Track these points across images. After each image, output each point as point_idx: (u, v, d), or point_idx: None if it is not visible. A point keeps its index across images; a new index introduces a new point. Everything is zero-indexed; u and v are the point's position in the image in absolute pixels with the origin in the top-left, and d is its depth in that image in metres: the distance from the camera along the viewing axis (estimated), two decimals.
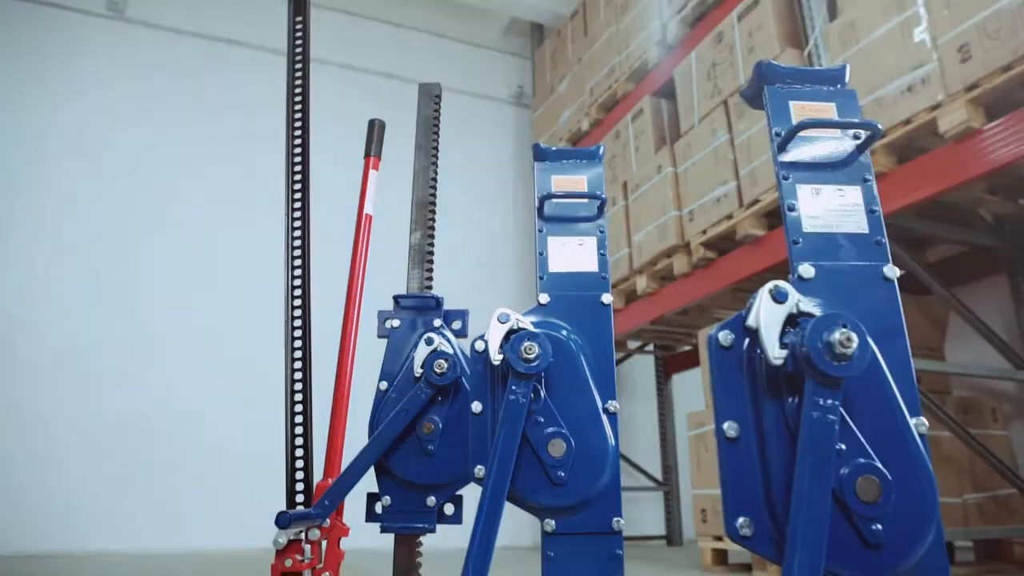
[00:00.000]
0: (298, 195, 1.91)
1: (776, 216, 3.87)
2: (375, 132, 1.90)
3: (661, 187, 4.59)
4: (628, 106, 5.26)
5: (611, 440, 1.17)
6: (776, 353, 0.76)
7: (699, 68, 4.42)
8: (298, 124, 1.94)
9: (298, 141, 1.93)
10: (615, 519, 1.16)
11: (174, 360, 5.52)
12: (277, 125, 1.93)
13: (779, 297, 0.78)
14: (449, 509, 1.52)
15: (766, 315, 0.78)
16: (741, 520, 0.78)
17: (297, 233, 1.88)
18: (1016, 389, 4.13)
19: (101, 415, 5.23)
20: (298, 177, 1.91)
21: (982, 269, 4.36)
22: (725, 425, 0.81)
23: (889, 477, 0.77)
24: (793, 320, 0.79)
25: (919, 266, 3.48)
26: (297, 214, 1.90)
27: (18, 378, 5.20)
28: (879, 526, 0.76)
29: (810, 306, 0.79)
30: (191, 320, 5.62)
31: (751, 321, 0.79)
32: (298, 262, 1.87)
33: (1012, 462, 3.87)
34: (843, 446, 0.77)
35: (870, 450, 0.78)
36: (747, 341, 0.82)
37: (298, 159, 1.92)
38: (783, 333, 0.78)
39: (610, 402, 1.20)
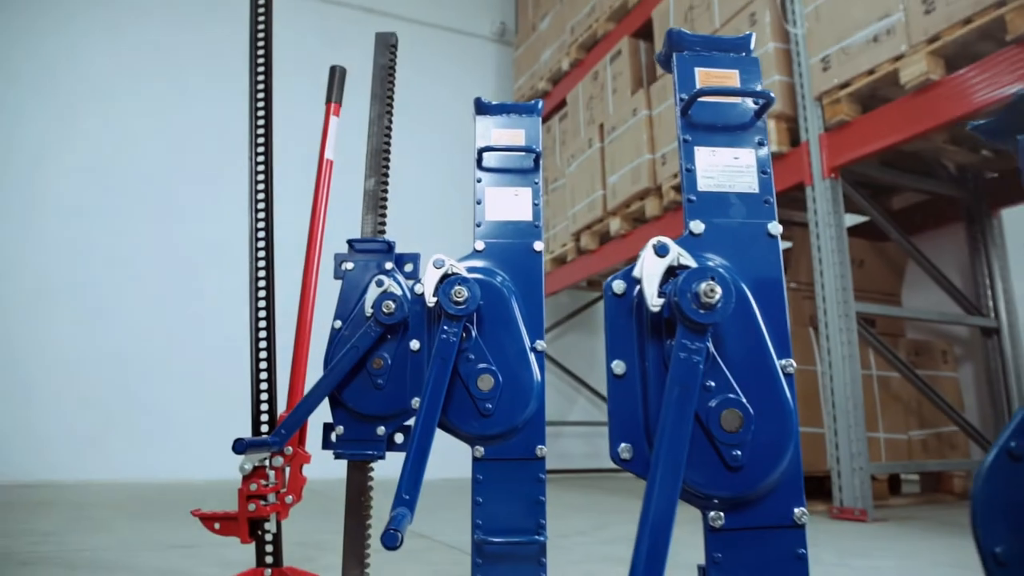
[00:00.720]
0: (261, 139, 1.97)
1: None
2: (335, 78, 1.96)
3: (636, 130, 4.64)
4: (608, 47, 5.26)
5: (537, 376, 1.28)
6: (654, 301, 0.86)
7: (677, 9, 4.42)
8: (261, 62, 1.99)
9: (261, 79, 1.98)
10: (538, 447, 1.28)
11: (151, 297, 5.61)
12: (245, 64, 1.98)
13: (660, 251, 0.88)
14: (399, 438, 1.64)
15: (648, 267, 0.88)
16: (623, 446, 0.89)
17: (261, 177, 1.95)
18: (967, 333, 4.30)
19: (79, 351, 5.35)
20: (261, 120, 1.97)
21: (943, 217, 4.47)
22: (614, 364, 0.91)
23: (751, 410, 0.88)
24: (673, 272, 0.88)
25: (878, 214, 3.58)
26: (260, 158, 1.97)
27: None
28: (739, 452, 0.87)
29: (689, 259, 0.89)
30: (170, 257, 5.69)
31: (636, 272, 0.89)
32: (261, 205, 1.95)
33: (958, 402, 4.06)
34: (712, 383, 0.88)
35: (736, 387, 0.89)
36: (636, 290, 0.91)
37: (261, 102, 1.97)
38: (663, 283, 0.88)
39: (538, 342, 1.30)
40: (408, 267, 1.68)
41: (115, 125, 5.68)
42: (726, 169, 1.01)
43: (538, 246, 1.36)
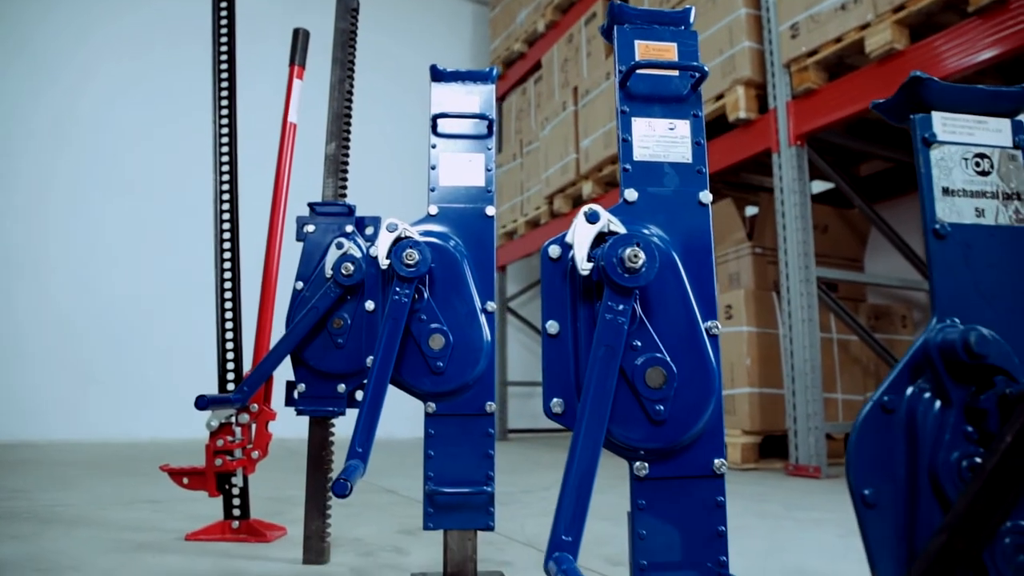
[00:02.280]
0: (225, 103, 1.99)
1: (713, 127, 3.99)
2: (299, 41, 1.97)
3: (609, 94, 4.65)
4: (583, 9, 5.24)
5: (487, 336, 1.33)
6: (583, 266, 0.92)
7: None
8: (224, 24, 1.99)
9: (224, 43, 1.99)
10: (488, 403, 1.34)
11: (124, 262, 5.61)
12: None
13: (591, 218, 0.93)
14: (360, 395, 1.69)
15: (579, 233, 0.93)
16: (555, 401, 0.95)
17: (225, 141, 1.97)
18: (927, 299, 4.40)
19: (56, 315, 5.36)
20: (224, 85, 1.98)
21: (909, 185, 4.55)
22: (548, 324, 0.97)
23: (674, 369, 0.94)
24: (603, 238, 0.93)
25: (843, 181, 3.64)
26: (224, 121, 1.99)
27: None
28: (662, 407, 0.93)
29: (618, 226, 0.94)
30: (142, 222, 5.68)
31: (568, 238, 0.94)
32: (226, 168, 1.97)
33: None
34: (639, 342, 0.94)
35: (661, 346, 0.94)
36: (570, 254, 0.97)
37: (224, 64, 1.98)
38: (594, 249, 0.93)
39: (488, 303, 1.36)
40: (369, 230, 1.72)
41: (88, 91, 5.62)
42: (661, 140, 1.06)
43: (490, 211, 1.40)
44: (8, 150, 5.35)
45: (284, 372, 1.69)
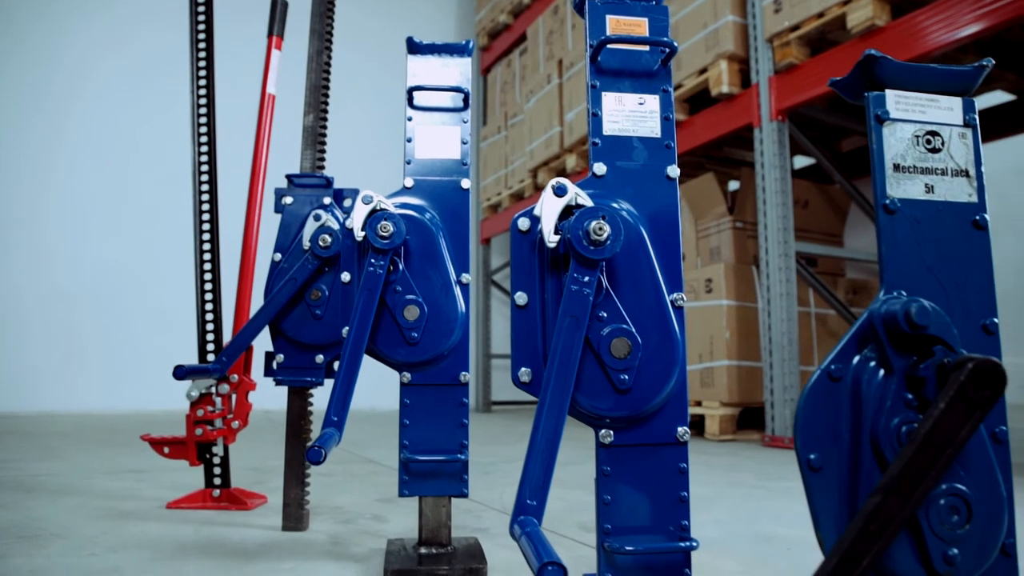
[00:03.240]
0: (203, 73, 1.98)
1: (696, 101, 4.00)
2: (277, 12, 1.96)
3: None
4: None
5: (462, 307, 1.35)
6: (551, 238, 0.93)
7: None
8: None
9: (202, 12, 1.98)
10: (462, 373, 1.37)
11: (106, 233, 5.57)
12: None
13: (559, 191, 0.95)
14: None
15: (547, 206, 0.94)
16: (523, 370, 0.98)
17: (203, 112, 1.97)
18: None
19: (40, 287, 5.33)
20: (202, 54, 1.97)
21: None
22: (517, 295, 0.99)
23: (639, 339, 0.96)
24: (571, 211, 0.95)
25: (823, 156, 3.66)
26: (203, 91, 1.98)
27: None
28: (626, 376, 0.96)
29: (585, 199, 0.96)
30: (127, 190, 5.63)
31: (536, 211, 0.96)
32: (204, 140, 1.97)
33: None
34: (605, 313, 0.96)
35: (627, 317, 0.97)
36: (539, 227, 0.98)
37: (202, 34, 1.97)
38: (561, 221, 0.95)
39: (463, 275, 1.38)
40: (347, 202, 1.73)
41: (65, 64, 5.53)
42: (631, 114, 1.07)
43: (465, 184, 1.41)
44: None
45: (265, 343, 1.70)
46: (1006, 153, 6.38)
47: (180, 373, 1.67)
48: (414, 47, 1.44)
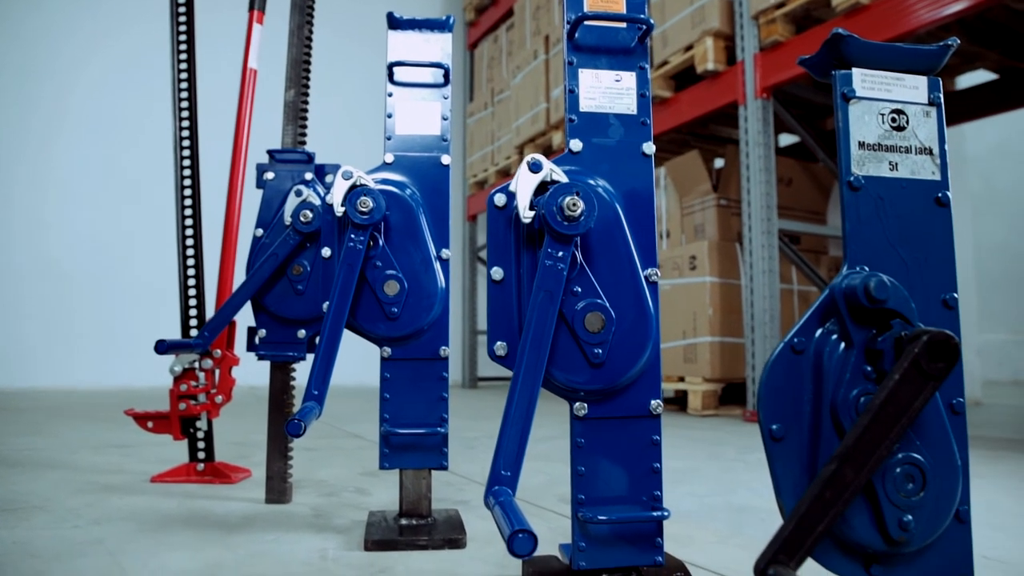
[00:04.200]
0: (184, 47, 1.96)
1: (682, 78, 3.99)
2: None
3: None
4: None
5: (441, 282, 1.37)
6: (525, 214, 0.95)
7: None
8: None
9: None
10: (442, 348, 1.39)
11: (89, 207, 5.54)
12: None
13: (534, 168, 0.96)
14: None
15: (522, 182, 0.95)
16: (499, 343, 0.99)
17: (184, 87, 1.96)
18: None
19: (19, 262, 5.29)
20: (183, 28, 1.96)
21: None
22: (493, 270, 1.00)
23: (613, 314, 0.98)
24: (546, 187, 0.96)
25: (807, 134, 3.67)
26: (184, 65, 1.97)
27: None
28: (600, 350, 0.98)
29: (560, 175, 0.97)
30: (102, 168, 5.59)
31: (511, 187, 0.97)
32: (186, 115, 1.96)
33: None
34: (579, 288, 0.98)
35: (601, 292, 0.98)
36: (514, 202, 1.00)
37: (183, 7, 1.96)
38: (536, 197, 0.96)
39: (443, 250, 1.39)
40: (329, 178, 1.73)
41: (46, 41, 5.46)
42: (607, 91, 1.08)
43: (446, 160, 1.42)
44: None
45: (250, 319, 1.71)
46: (989, 132, 6.42)
47: (162, 348, 1.68)
48: (395, 22, 1.44)
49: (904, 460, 0.68)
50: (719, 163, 4.59)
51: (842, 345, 0.71)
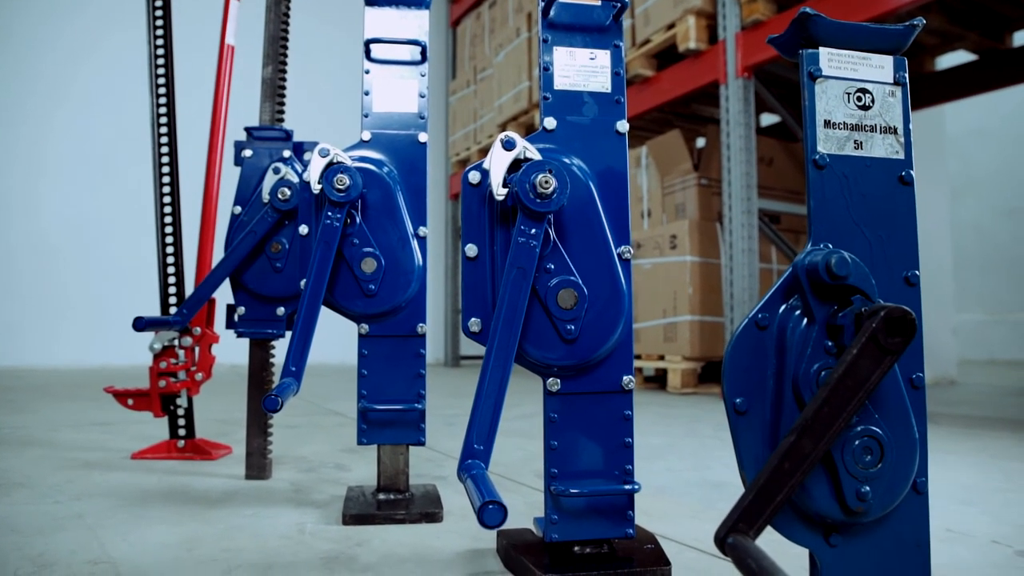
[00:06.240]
0: (160, 23, 1.94)
1: (664, 57, 3.99)
2: None
3: None
4: None
5: (419, 260, 1.37)
6: (499, 191, 0.95)
7: None
8: None
9: None
10: (419, 325, 1.39)
11: (76, 185, 5.48)
12: None
13: (507, 145, 0.96)
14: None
15: (496, 159, 0.96)
16: (473, 320, 1.00)
17: (161, 63, 1.94)
18: None
19: (8, 241, 5.25)
20: (159, 4, 1.93)
21: None
22: (467, 247, 1.01)
23: (586, 291, 0.99)
24: (520, 164, 0.97)
25: (789, 115, 3.69)
26: (160, 42, 1.95)
27: None
28: (573, 327, 0.99)
29: (534, 153, 0.98)
30: (83, 144, 5.53)
31: (485, 164, 0.98)
32: (163, 92, 1.94)
33: None
34: (552, 265, 0.99)
35: (574, 269, 1.00)
36: (489, 180, 1.00)
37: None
38: (510, 175, 0.97)
39: (420, 228, 1.39)
40: (308, 155, 1.73)
41: (25, 18, 5.36)
42: (582, 69, 1.09)
43: (423, 137, 1.42)
44: None
45: (229, 297, 1.71)
46: (968, 113, 6.47)
47: (140, 325, 1.68)
48: None
49: (863, 433, 0.70)
50: (700, 143, 4.60)
51: (804, 321, 0.73)
